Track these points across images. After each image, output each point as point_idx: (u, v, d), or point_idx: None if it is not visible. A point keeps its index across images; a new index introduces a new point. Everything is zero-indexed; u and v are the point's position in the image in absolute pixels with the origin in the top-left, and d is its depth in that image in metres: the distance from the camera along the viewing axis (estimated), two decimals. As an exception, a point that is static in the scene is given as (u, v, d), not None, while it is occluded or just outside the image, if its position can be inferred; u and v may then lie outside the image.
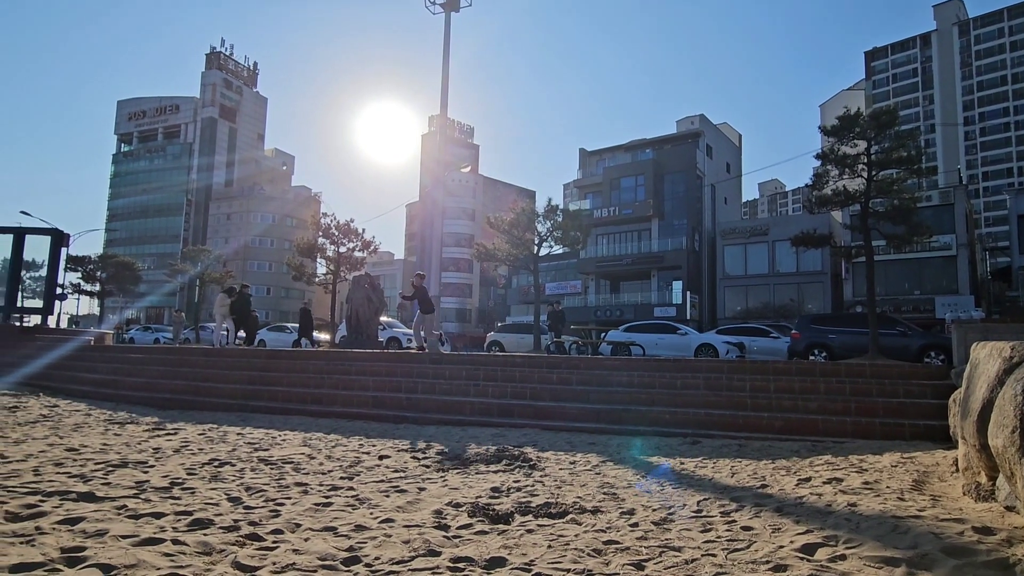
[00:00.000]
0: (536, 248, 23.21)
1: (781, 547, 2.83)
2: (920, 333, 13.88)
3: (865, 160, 14.78)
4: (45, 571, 2.36)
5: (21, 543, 2.70)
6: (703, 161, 38.98)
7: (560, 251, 27.20)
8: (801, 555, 2.71)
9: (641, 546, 2.94)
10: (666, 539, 3.06)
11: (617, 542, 3.01)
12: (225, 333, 15.33)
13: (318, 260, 28.63)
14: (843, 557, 2.65)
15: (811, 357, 13.53)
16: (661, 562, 2.71)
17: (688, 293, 35.10)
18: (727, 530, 3.20)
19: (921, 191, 28.40)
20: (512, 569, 2.62)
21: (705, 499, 3.94)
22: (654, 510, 3.68)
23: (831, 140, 15.30)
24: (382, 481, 4.52)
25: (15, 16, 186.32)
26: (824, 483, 4.24)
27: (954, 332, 7.77)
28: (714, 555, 2.78)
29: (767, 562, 2.65)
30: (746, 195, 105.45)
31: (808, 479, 4.44)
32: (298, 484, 4.31)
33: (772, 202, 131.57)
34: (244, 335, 15.63)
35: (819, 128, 16.37)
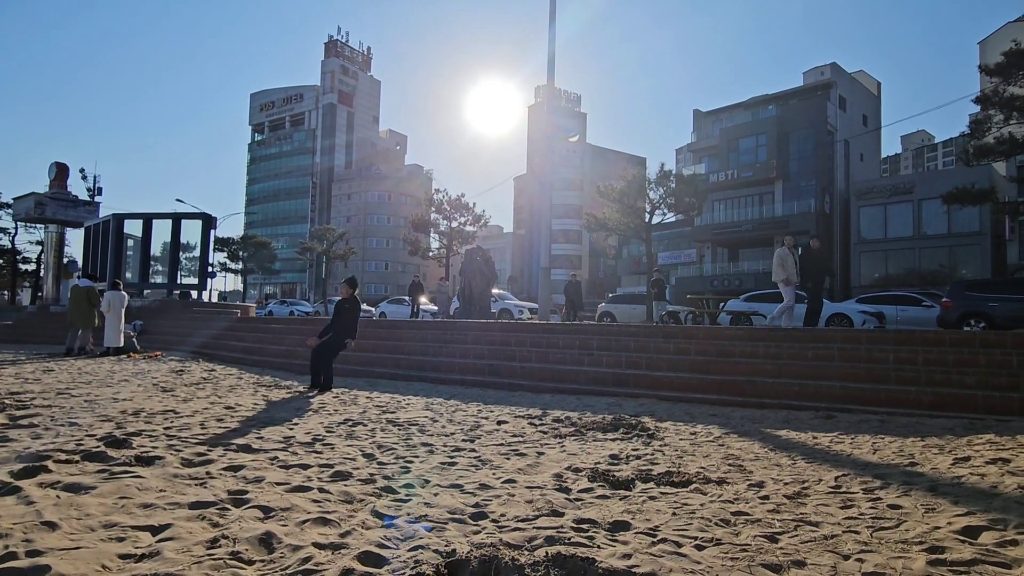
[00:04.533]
0: (648, 216, 22.57)
1: (937, 528, 2.58)
2: (1107, 299, 11.90)
3: (1039, 100, 12.77)
4: (217, 509, 2.67)
5: (196, 485, 3.08)
6: (835, 115, 35.58)
7: (673, 219, 26.22)
8: (962, 537, 2.45)
9: (774, 519, 2.80)
10: (801, 513, 2.89)
11: (746, 514, 2.88)
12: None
13: (431, 235, 29.79)
14: (1015, 543, 2.36)
15: (966, 328, 12.10)
16: (797, 536, 2.55)
17: (816, 260, 32.53)
18: (871, 507, 2.96)
19: (1111, 134, 24.05)
20: (637, 533, 2.59)
21: (844, 475, 3.67)
22: (786, 484, 3.48)
23: (995, 81, 13.35)
24: (502, 444, 4.65)
25: (158, 25, 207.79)
26: (987, 463, 3.79)
27: None
28: (857, 532, 2.59)
29: (920, 543, 2.42)
30: (886, 150, 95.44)
31: (967, 458, 3.99)
32: (424, 444, 4.54)
33: (918, 156, 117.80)
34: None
35: (979, 68, 14.32)
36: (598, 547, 2.40)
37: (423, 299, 21.97)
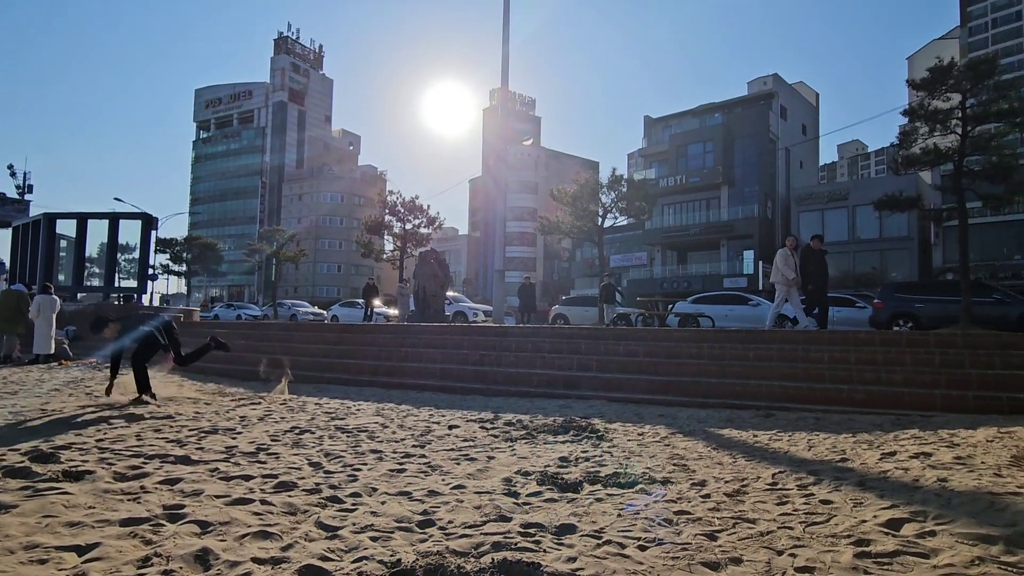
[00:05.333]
0: (600, 220, 22.91)
1: (864, 521, 2.72)
2: (1020, 300, 12.80)
3: (959, 115, 13.64)
4: (150, 525, 2.57)
5: (129, 500, 2.95)
6: (776, 124, 37.01)
7: (625, 222, 26.70)
8: (886, 530, 2.59)
9: (714, 517, 2.89)
10: (740, 511, 3.00)
11: (688, 512, 2.97)
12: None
13: (385, 237, 29.41)
14: (933, 533, 2.51)
15: (895, 328, 12.78)
16: (735, 533, 2.65)
17: (760, 263, 33.77)
18: (804, 503, 3.09)
19: (1024, 146, 25.90)
20: (582, 536, 2.63)
21: (780, 472, 3.82)
22: (727, 482, 3.61)
23: (920, 94, 14.19)
24: (452, 450, 4.64)
25: (102, 15, 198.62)
26: (910, 457, 4.01)
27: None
28: (791, 528, 2.70)
29: (848, 536, 2.55)
30: (824, 158, 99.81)
31: (892, 453, 4.22)
32: (373, 451, 4.49)
33: (853, 165, 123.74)
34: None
35: (907, 82, 15.16)
36: (544, 551, 2.43)
37: (377, 302, 21.66)
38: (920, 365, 7.18)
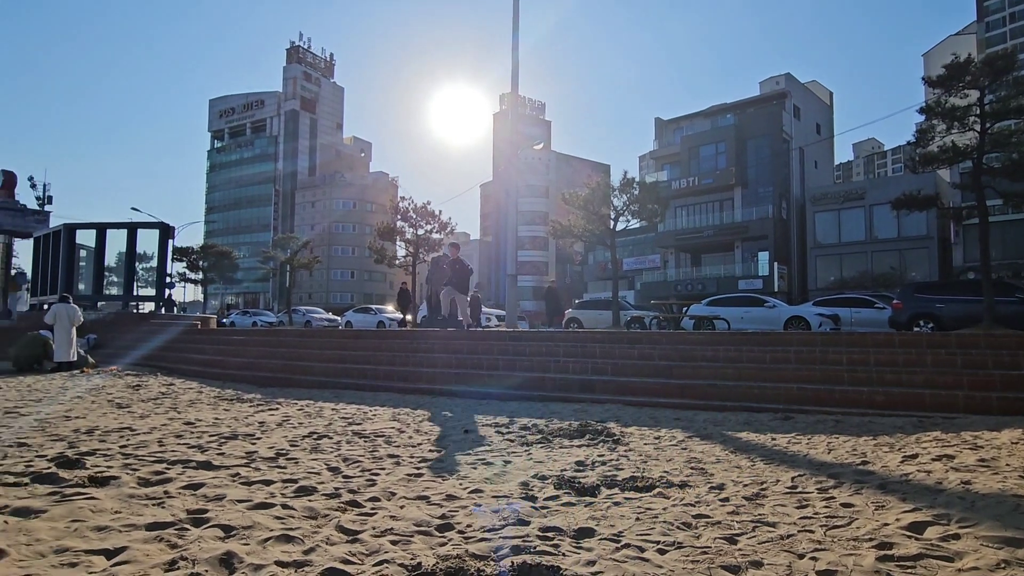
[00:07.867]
0: (612, 223, 22.78)
1: (886, 524, 2.69)
2: (1044, 300, 12.56)
3: (978, 111, 13.42)
4: (175, 529, 2.61)
5: (153, 505, 3.00)
6: (790, 123, 36.70)
7: (637, 225, 26.55)
8: (909, 533, 2.57)
9: (733, 520, 2.88)
10: (759, 514, 2.98)
11: (707, 516, 2.96)
12: None
13: (398, 243, 29.51)
14: (957, 536, 2.48)
15: (915, 328, 12.61)
16: (755, 537, 2.64)
17: (775, 264, 33.48)
18: (825, 506, 3.07)
19: (1045, 142, 25.48)
20: (601, 539, 2.63)
21: (800, 475, 3.79)
22: (745, 485, 3.58)
23: (937, 92, 13.99)
24: (468, 454, 4.66)
25: (119, 30, 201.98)
26: (933, 460, 3.96)
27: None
28: (812, 531, 2.68)
29: (870, 539, 2.53)
30: (839, 157, 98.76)
31: (915, 456, 4.17)
32: (390, 456, 4.52)
33: (869, 163, 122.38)
34: None
35: (923, 79, 14.93)
36: (563, 555, 2.44)
37: (389, 307, 21.60)
38: (941, 366, 7.08)
